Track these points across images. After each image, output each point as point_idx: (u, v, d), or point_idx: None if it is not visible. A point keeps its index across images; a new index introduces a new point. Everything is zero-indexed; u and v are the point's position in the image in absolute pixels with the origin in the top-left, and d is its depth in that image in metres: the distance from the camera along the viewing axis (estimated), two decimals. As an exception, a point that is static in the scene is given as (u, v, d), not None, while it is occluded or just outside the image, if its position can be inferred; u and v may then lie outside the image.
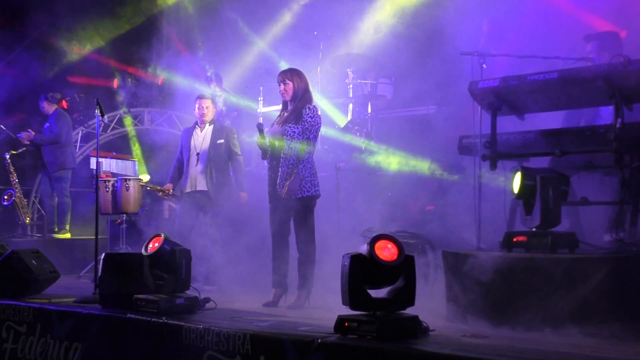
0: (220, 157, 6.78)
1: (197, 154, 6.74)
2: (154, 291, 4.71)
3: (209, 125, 6.86)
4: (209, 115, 6.85)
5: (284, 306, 5.26)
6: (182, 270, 4.71)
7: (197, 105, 6.86)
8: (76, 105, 10.75)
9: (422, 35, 7.93)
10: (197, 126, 6.90)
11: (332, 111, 8.58)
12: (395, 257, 3.56)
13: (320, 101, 8.38)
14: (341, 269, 3.61)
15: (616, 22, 6.49)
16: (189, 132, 6.94)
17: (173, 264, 4.73)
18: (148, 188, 7.44)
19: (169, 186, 6.95)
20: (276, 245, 5.51)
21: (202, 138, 6.80)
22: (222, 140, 6.79)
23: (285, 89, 5.51)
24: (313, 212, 5.48)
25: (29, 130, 9.05)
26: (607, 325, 3.61)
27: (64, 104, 9.57)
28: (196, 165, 6.73)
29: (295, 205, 5.41)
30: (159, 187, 7.15)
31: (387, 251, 3.57)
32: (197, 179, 6.72)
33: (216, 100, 6.95)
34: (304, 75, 5.62)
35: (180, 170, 6.91)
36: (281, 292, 5.42)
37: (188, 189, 6.75)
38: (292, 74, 5.56)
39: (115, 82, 11.22)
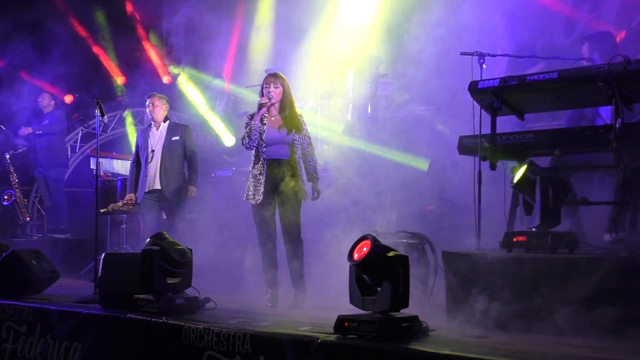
0: (175, 155, 6.76)
1: (152, 151, 6.73)
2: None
3: (164, 123, 6.86)
4: (157, 112, 6.83)
5: (284, 306, 5.27)
6: (144, 269, 4.63)
7: (150, 104, 6.86)
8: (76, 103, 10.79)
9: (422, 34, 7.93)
10: (152, 126, 6.88)
11: (327, 120, 8.54)
12: (361, 256, 3.55)
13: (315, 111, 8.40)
14: None
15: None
16: (145, 132, 6.92)
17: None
18: (110, 209, 7.40)
19: (130, 196, 6.85)
20: (271, 246, 5.54)
21: (157, 136, 6.80)
22: (177, 137, 6.79)
23: (275, 92, 5.53)
24: None
25: (23, 127, 9.09)
26: (607, 325, 3.61)
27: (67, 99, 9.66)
28: (150, 162, 6.71)
29: (296, 206, 5.49)
30: (119, 204, 7.11)
31: (360, 251, 3.59)
32: (153, 177, 6.70)
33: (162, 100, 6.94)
34: None
35: (138, 175, 6.83)
36: (277, 291, 5.44)
37: (147, 189, 6.70)
38: (283, 80, 5.62)
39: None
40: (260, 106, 5.50)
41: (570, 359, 3.26)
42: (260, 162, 5.51)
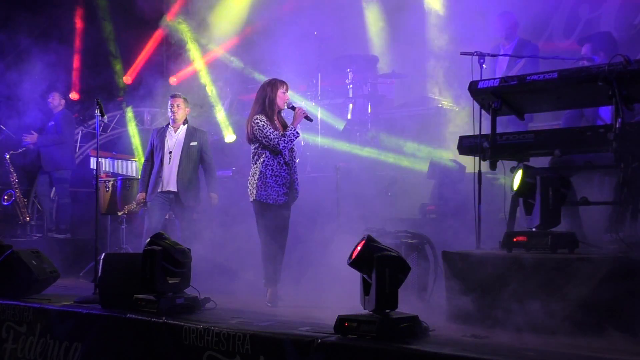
0: (192, 159, 6.76)
1: (170, 152, 6.70)
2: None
3: (183, 125, 6.84)
4: (180, 114, 6.81)
5: (284, 305, 5.28)
6: (146, 269, 4.65)
7: (169, 104, 6.83)
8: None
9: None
10: (170, 126, 6.85)
11: (328, 116, 8.56)
12: (354, 256, 3.61)
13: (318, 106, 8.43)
14: None
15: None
16: (161, 132, 6.86)
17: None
18: (127, 211, 7.38)
19: (142, 195, 6.78)
20: (274, 245, 5.59)
21: (175, 138, 6.77)
22: (195, 143, 6.79)
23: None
24: None
25: (32, 132, 9.07)
26: (607, 325, 3.61)
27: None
28: (169, 164, 6.68)
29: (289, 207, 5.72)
30: (133, 205, 7.07)
31: (356, 251, 3.64)
32: (168, 179, 6.67)
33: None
34: None
35: (151, 174, 6.77)
36: (276, 290, 5.51)
37: (160, 189, 6.66)
38: None
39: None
40: (308, 118, 5.74)
41: (570, 358, 3.26)
42: (282, 165, 5.62)
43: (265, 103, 5.66)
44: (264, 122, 5.57)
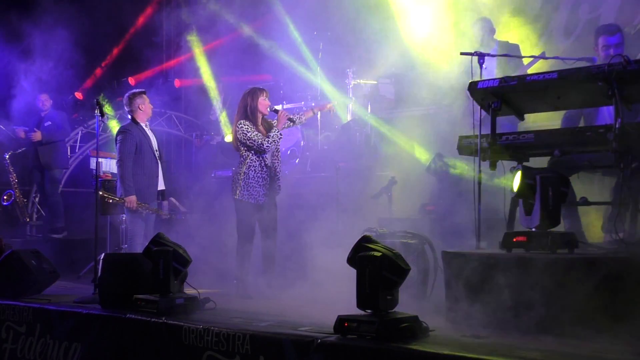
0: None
1: (157, 150, 6.68)
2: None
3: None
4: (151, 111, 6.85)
5: (284, 305, 5.28)
6: (159, 270, 4.66)
7: (146, 100, 6.68)
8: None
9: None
10: (141, 124, 6.62)
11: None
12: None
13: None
14: None
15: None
16: (139, 130, 6.55)
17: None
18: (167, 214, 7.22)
19: (135, 199, 6.37)
20: (249, 243, 5.99)
21: (152, 137, 6.71)
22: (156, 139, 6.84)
23: None
24: None
25: (35, 129, 9.06)
26: (607, 325, 3.61)
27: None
28: (162, 163, 6.74)
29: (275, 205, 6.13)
30: (153, 208, 6.61)
31: None
32: (161, 178, 6.69)
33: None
34: None
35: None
36: (245, 284, 5.87)
37: (157, 188, 6.65)
38: None
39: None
40: (290, 119, 6.14)
41: (570, 358, 3.26)
42: (263, 167, 6.04)
43: (248, 111, 6.05)
44: (247, 126, 5.99)
